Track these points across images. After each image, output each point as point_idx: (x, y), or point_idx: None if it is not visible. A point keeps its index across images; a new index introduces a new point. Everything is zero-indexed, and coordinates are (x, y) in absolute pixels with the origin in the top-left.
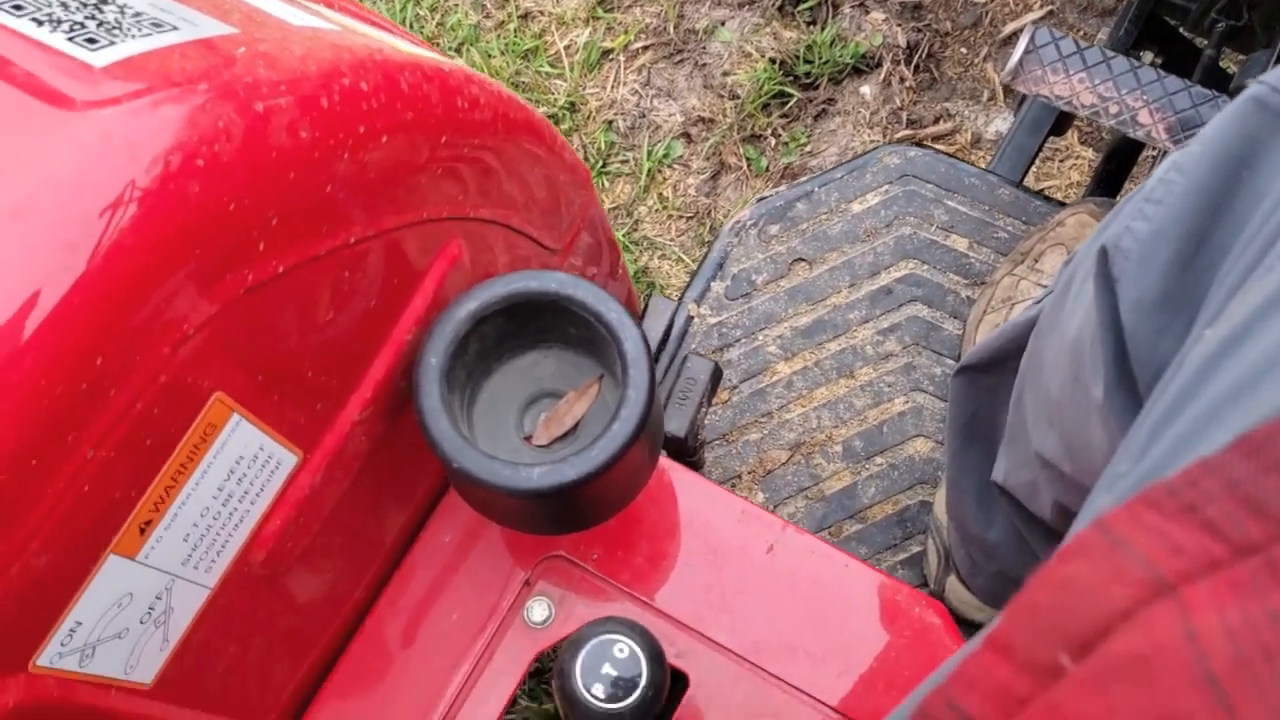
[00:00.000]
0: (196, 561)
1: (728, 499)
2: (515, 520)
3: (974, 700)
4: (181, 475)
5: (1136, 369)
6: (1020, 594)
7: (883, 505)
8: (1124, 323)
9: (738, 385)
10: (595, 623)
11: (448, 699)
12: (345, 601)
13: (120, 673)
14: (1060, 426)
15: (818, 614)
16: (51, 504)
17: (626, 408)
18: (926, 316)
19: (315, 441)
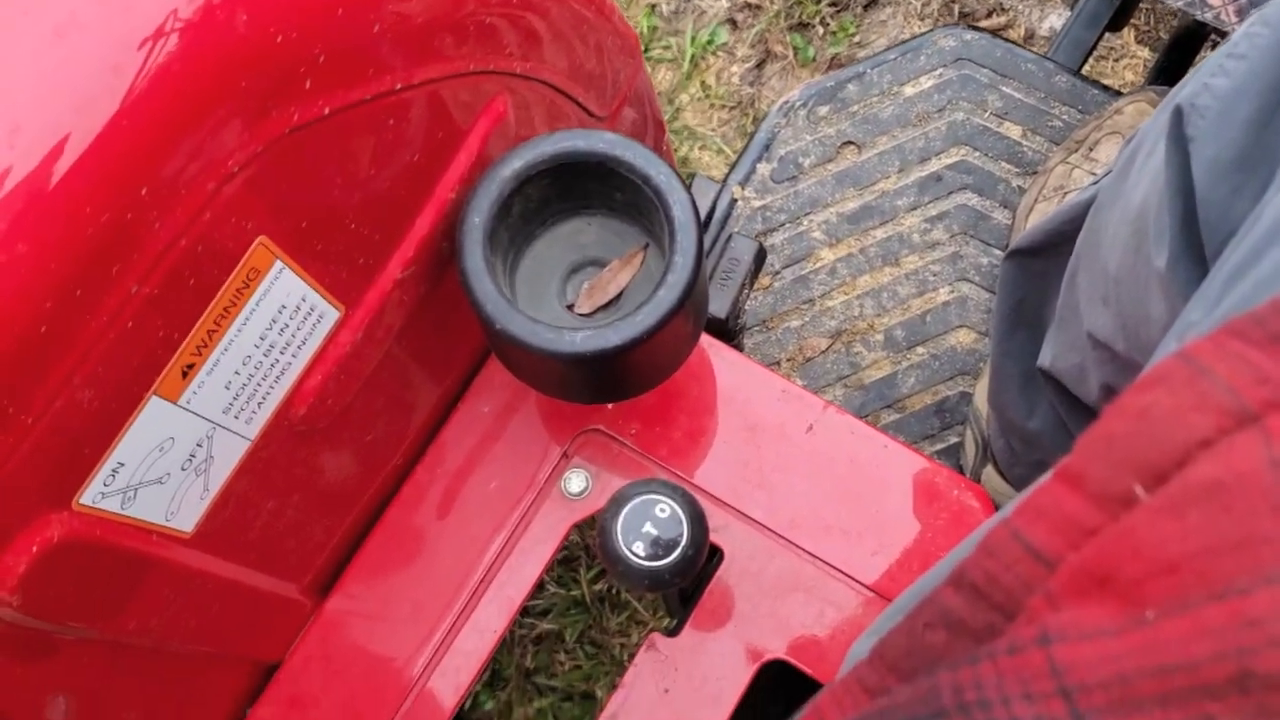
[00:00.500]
0: (237, 411)
1: (768, 377)
2: (556, 387)
3: (1040, 531)
4: (224, 320)
5: (1205, 233)
6: (1094, 425)
7: (922, 395)
8: (1196, 184)
9: (780, 271)
10: (637, 483)
11: (485, 564)
12: (383, 466)
13: (161, 518)
14: (1116, 304)
15: (855, 493)
16: (95, 338)
17: (673, 274)
18: (976, 205)
19: (357, 298)
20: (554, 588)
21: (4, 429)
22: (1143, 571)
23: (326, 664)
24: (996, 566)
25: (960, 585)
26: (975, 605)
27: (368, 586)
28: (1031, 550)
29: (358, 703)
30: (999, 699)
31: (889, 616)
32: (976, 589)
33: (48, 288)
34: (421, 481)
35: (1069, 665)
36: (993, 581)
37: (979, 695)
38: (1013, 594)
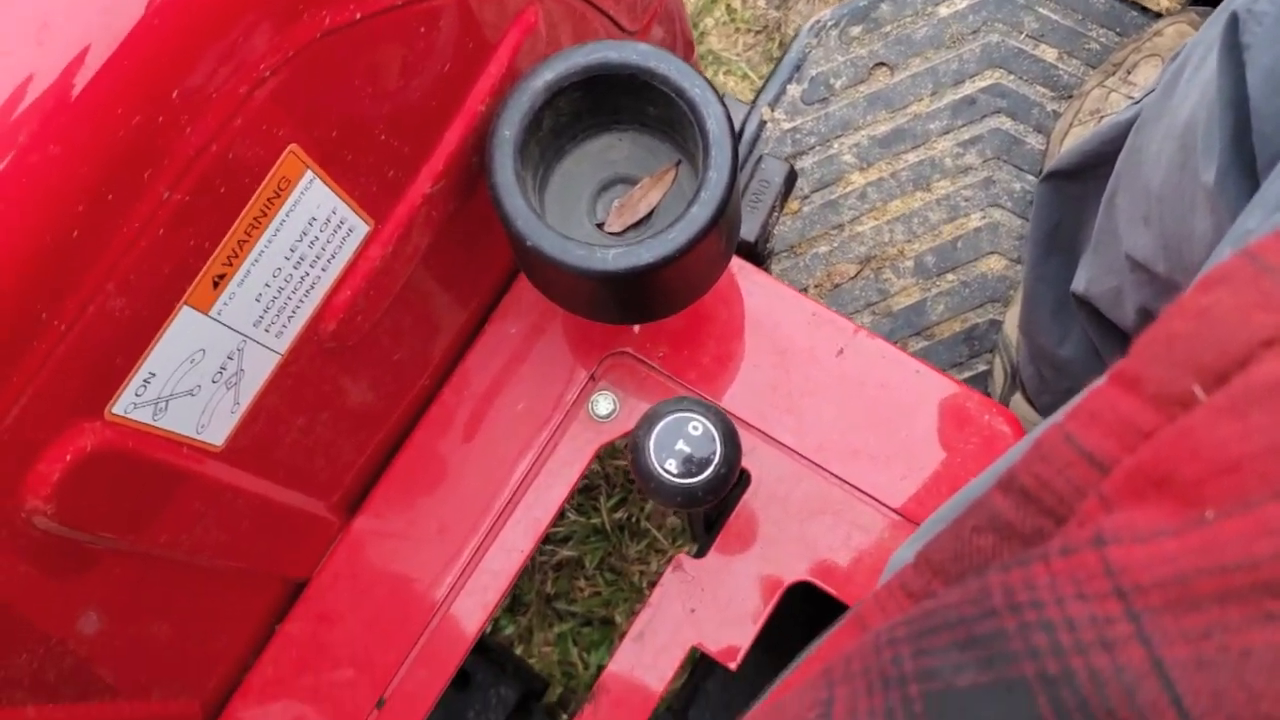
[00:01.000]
0: (268, 324)
1: (799, 301)
2: (585, 306)
3: (1094, 434)
4: (255, 230)
5: (1258, 144)
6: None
7: (950, 323)
8: (1250, 94)
9: (809, 195)
10: (670, 400)
11: (512, 485)
12: (412, 386)
13: (192, 431)
14: (1159, 224)
15: (884, 418)
16: (127, 244)
17: (707, 190)
18: (1009, 129)
19: (387, 212)
20: (574, 515)
21: (38, 334)
22: (1202, 472)
23: (354, 582)
24: (1048, 470)
25: (1010, 489)
26: (1025, 509)
27: (395, 506)
28: (1085, 454)
29: (385, 620)
30: (1052, 599)
31: (932, 524)
32: (1026, 493)
33: (79, 191)
34: (449, 403)
35: (1124, 566)
36: (1044, 485)
37: (1031, 596)
38: (1064, 498)
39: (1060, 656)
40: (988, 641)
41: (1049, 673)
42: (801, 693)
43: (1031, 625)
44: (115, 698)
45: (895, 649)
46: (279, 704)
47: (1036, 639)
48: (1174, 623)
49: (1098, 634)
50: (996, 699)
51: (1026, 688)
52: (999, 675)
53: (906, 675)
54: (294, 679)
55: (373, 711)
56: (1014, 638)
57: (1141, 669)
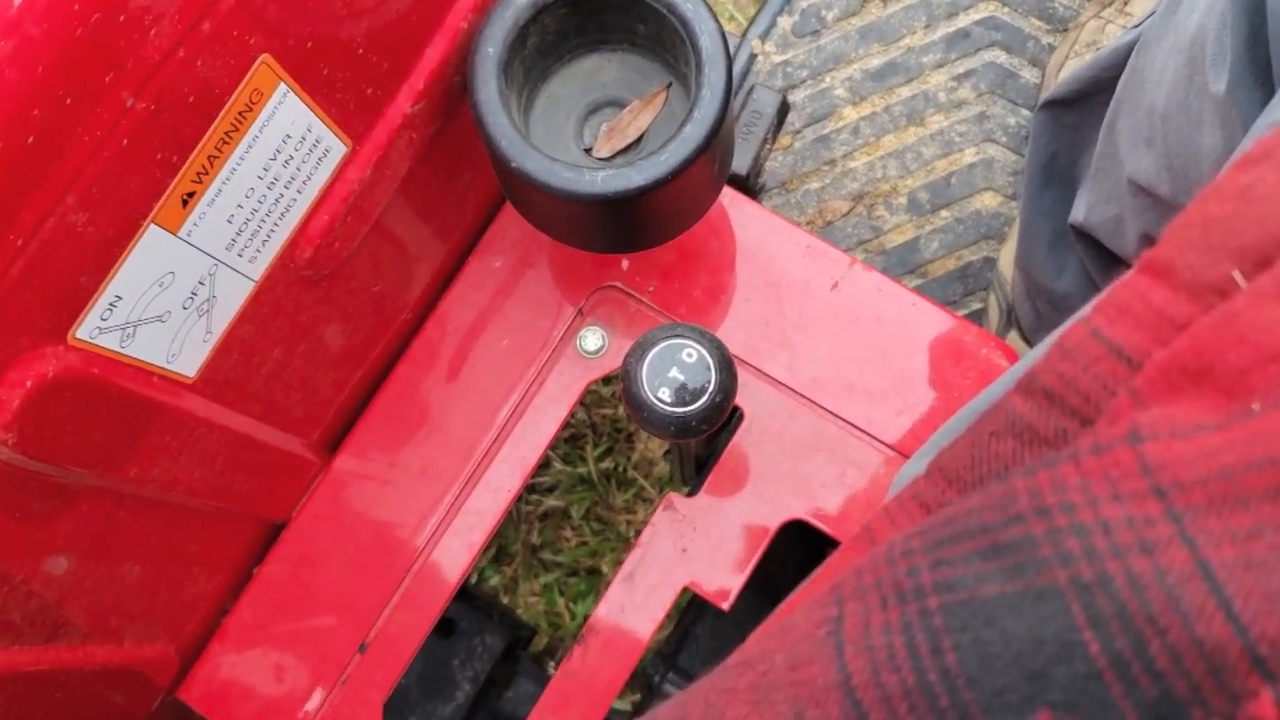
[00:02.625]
0: (241, 248)
1: (793, 233)
2: (572, 234)
3: (1123, 327)
4: (226, 145)
5: (1274, 49)
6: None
7: (945, 260)
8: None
9: (800, 130)
10: (663, 327)
11: (498, 423)
12: (392, 320)
13: (162, 360)
14: (1163, 143)
15: (880, 352)
16: (89, 155)
17: (700, 109)
18: (1004, 63)
19: (365, 133)
20: (560, 465)
21: None
22: (1247, 360)
23: (335, 522)
24: (1072, 369)
25: (1030, 391)
26: (1048, 411)
27: (377, 445)
28: (1113, 348)
29: (369, 561)
30: (1084, 501)
31: (941, 435)
32: (1049, 393)
33: (34, 92)
34: (432, 339)
35: (1163, 463)
36: (1068, 384)
37: (1061, 499)
38: (1091, 397)
39: (1095, 561)
40: (1014, 549)
41: (1083, 579)
42: (809, 609)
43: (1062, 530)
44: (86, 641)
45: (910, 560)
46: (258, 648)
47: (1068, 544)
48: (1219, 522)
49: (1136, 536)
50: (1025, 608)
51: (1059, 595)
52: (1028, 584)
53: (924, 587)
54: (273, 623)
55: (355, 656)
56: (1043, 543)
57: (1185, 572)
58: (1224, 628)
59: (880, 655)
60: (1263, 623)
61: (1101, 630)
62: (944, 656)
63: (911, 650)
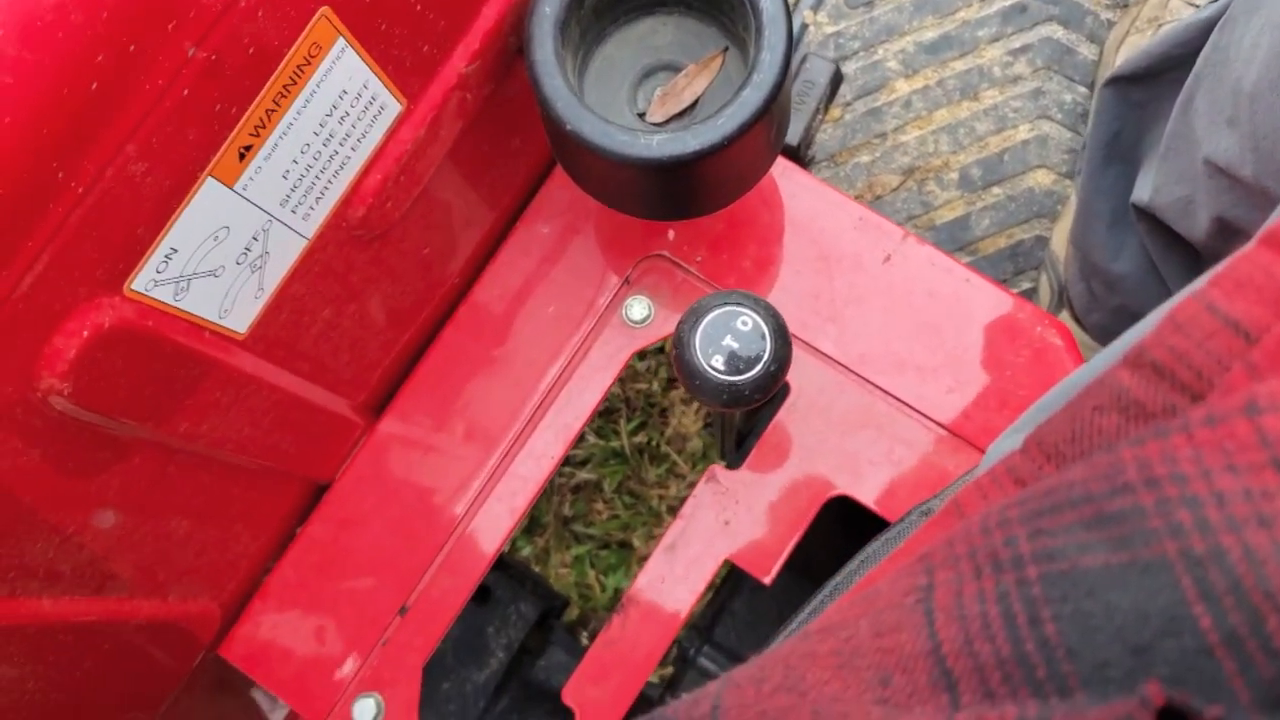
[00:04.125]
0: (295, 205)
1: (845, 204)
2: (624, 199)
3: (1242, 302)
4: (284, 99)
5: None
6: None
7: (995, 238)
8: None
9: (851, 103)
10: (718, 294)
11: (543, 389)
12: (441, 284)
13: (215, 315)
14: (1249, 122)
15: (932, 328)
16: (150, 103)
17: (759, 73)
18: (1061, 38)
19: (420, 92)
20: (594, 438)
21: (54, 195)
22: None
23: (379, 485)
24: (1185, 343)
25: (1139, 365)
26: (1156, 385)
27: (422, 409)
28: (1230, 322)
29: (411, 524)
30: (1197, 473)
31: (1038, 410)
32: (1159, 368)
33: (98, 38)
34: (478, 304)
35: None
36: (1179, 359)
37: (1171, 469)
38: (1203, 372)
39: (1208, 534)
40: (1120, 519)
41: (1195, 552)
42: (895, 579)
43: (1173, 501)
44: (132, 595)
45: (1007, 530)
46: (299, 608)
47: (1179, 515)
48: None
49: (1253, 509)
50: (1131, 581)
51: (1168, 568)
52: (1134, 555)
53: (1023, 557)
54: (315, 583)
55: (395, 618)
56: (1152, 515)
57: None
58: None
59: (974, 624)
60: None
61: (1214, 605)
62: (1043, 627)
63: (1008, 620)
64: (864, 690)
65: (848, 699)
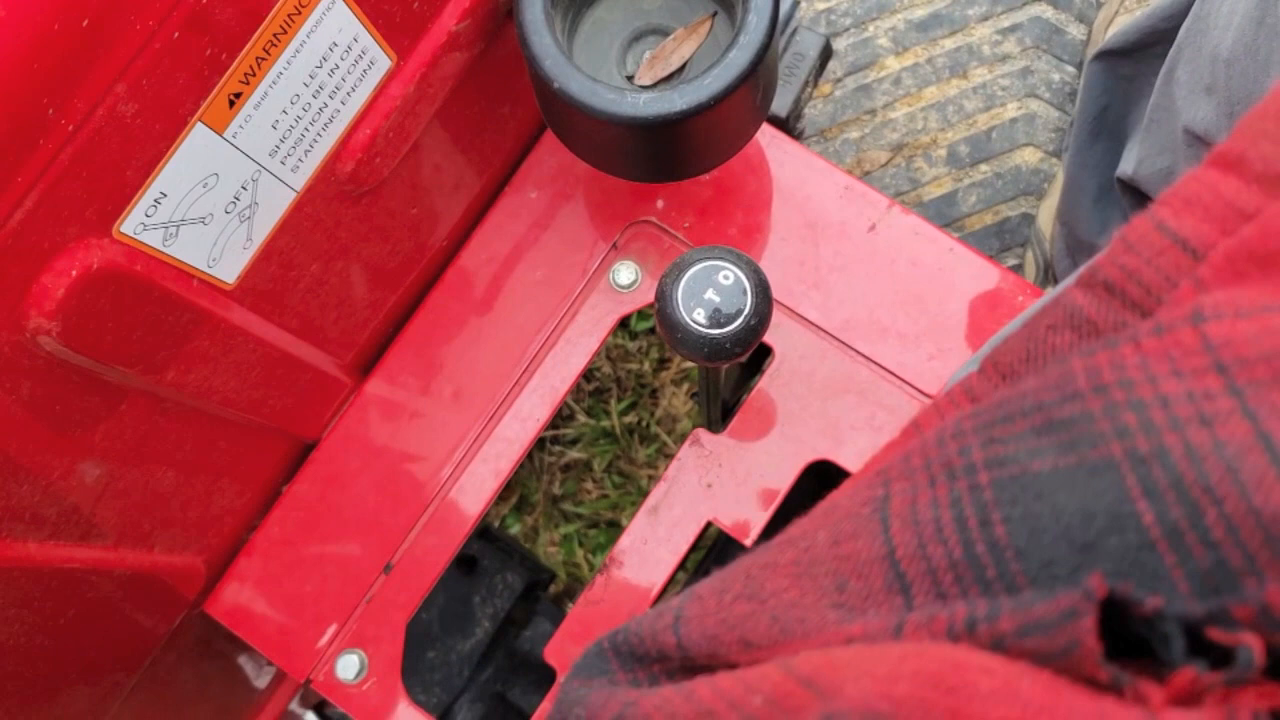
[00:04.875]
0: (284, 156)
1: (831, 173)
2: (611, 159)
3: (1189, 220)
4: (273, 48)
5: None
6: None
7: (982, 215)
8: None
9: (841, 79)
10: (700, 248)
11: (530, 352)
12: (429, 246)
13: (203, 263)
14: (1225, 89)
15: (915, 296)
16: (141, 42)
17: (746, 34)
18: (1051, 18)
19: (410, 48)
20: (584, 417)
21: (45, 132)
22: None
23: (365, 444)
24: (1135, 261)
25: (1091, 285)
26: (1108, 303)
27: (409, 370)
28: (1178, 240)
29: (397, 483)
30: (1143, 378)
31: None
32: (1110, 286)
33: None
34: (467, 267)
35: (1225, 340)
36: (1130, 277)
37: (1119, 376)
38: (1153, 289)
39: (1152, 434)
40: (1070, 424)
41: (1139, 451)
42: (854, 492)
43: (1119, 404)
44: (118, 544)
45: (962, 440)
46: (284, 565)
47: (1125, 418)
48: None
49: (1195, 410)
50: (1079, 482)
51: (1114, 468)
52: (1081, 457)
53: (975, 464)
54: (300, 541)
55: (380, 576)
56: (1100, 419)
57: (1245, 443)
58: None
59: (927, 529)
60: None
61: (1157, 501)
62: (993, 529)
63: (960, 524)
64: (821, 596)
65: (805, 604)
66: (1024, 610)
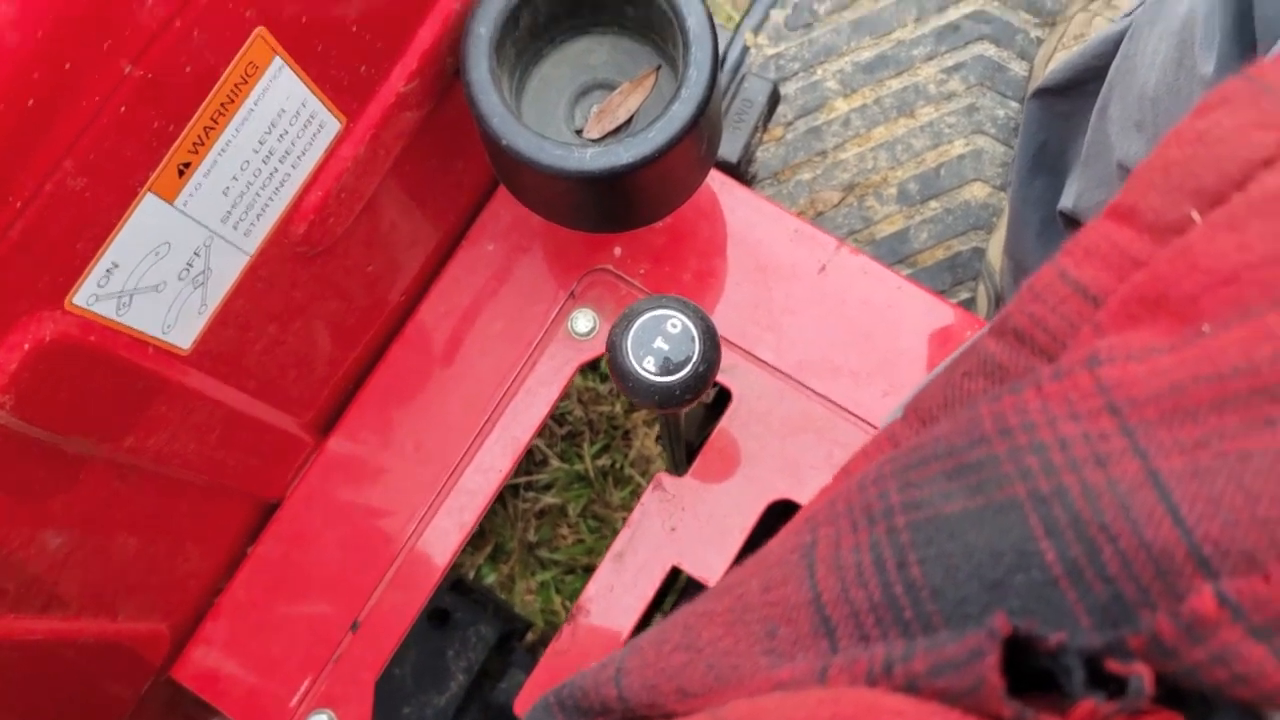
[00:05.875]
0: (236, 221)
1: (781, 216)
2: (562, 212)
3: (1088, 268)
4: (221, 116)
5: (1260, 29)
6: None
7: (934, 250)
8: None
9: (792, 122)
10: (648, 298)
11: (490, 405)
12: (386, 302)
13: (158, 331)
14: (1153, 126)
15: (867, 334)
16: (87, 120)
17: (687, 88)
18: (993, 56)
19: (359, 110)
20: (557, 462)
21: None
22: (1198, 287)
23: (328, 502)
24: (1041, 309)
25: (1003, 332)
26: (1017, 350)
27: (370, 426)
28: (1079, 288)
29: (361, 540)
30: (1044, 421)
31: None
32: (1020, 334)
33: (35, 56)
34: (425, 320)
35: (1118, 382)
36: (1037, 324)
37: (1022, 419)
38: (1058, 335)
39: (1052, 475)
40: (978, 467)
41: (1041, 492)
42: (784, 539)
43: (1023, 448)
44: (80, 613)
45: (881, 485)
46: (251, 627)
47: (1028, 460)
48: (1169, 434)
49: (1091, 450)
50: (986, 522)
51: (1018, 508)
52: (989, 499)
53: (893, 507)
54: (266, 602)
55: (346, 635)
56: (1005, 461)
57: (1136, 481)
58: (1171, 531)
59: (849, 573)
60: (1206, 525)
61: (1057, 539)
62: (909, 570)
63: (879, 566)
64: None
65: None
66: (936, 650)
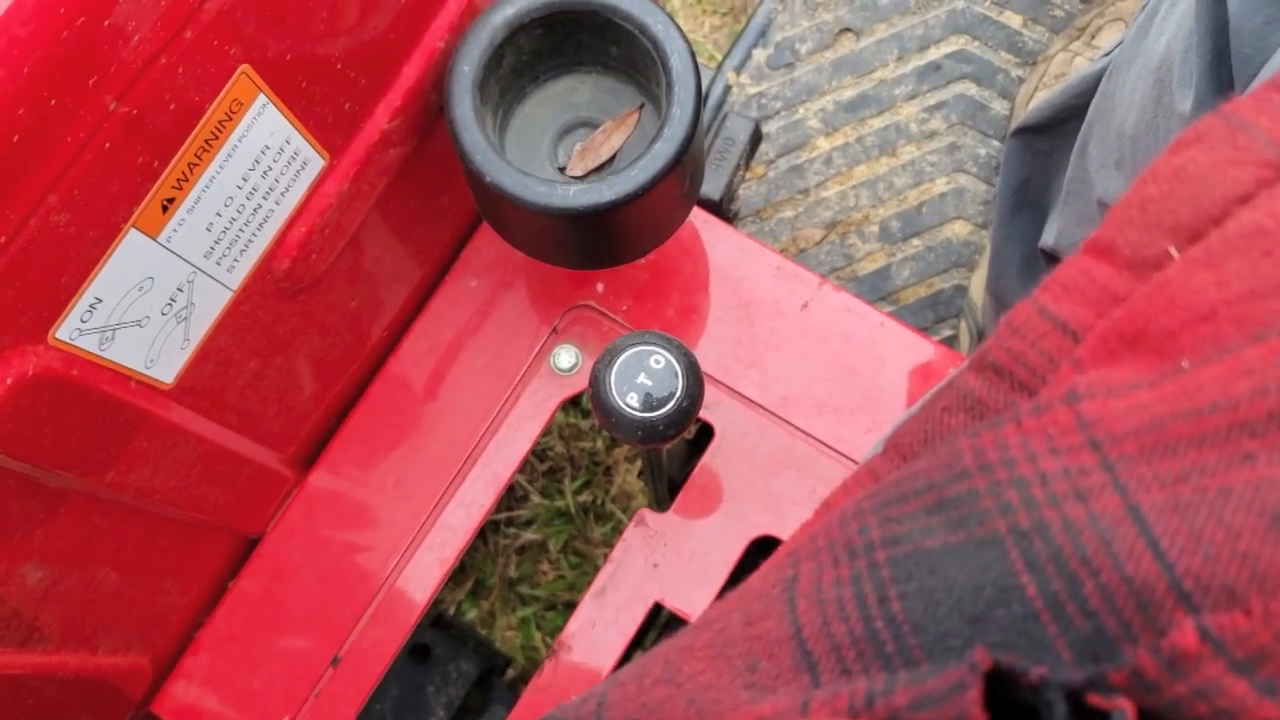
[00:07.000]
0: (219, 257)
1: (763, 254)
2: (546, 249)
3: (1067, 304)
4: (206, 153)
5: (1236, 67)
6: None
7: (916, 288)
8: (1230, 16)
9: (774, 160)
10: (631, 334)
11: (472, 440)
12: (369, 337)
13: (140, 365)
14: (1131, 165)
15: (849, 371)
16: (72, 155)
17: (670, 127)
18: (974, 95)
19: (343, 147)
20: (538, 498)
21: None
22: (1176, 323)
23: (310, 538)
24: (1020, 344)
25: (982, 367)
26: (996, 385)
27: (352, 461)
28: (1058, 324)
29: (341, 577)
30: (1024, 456)
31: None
32: (999, 369)
33: (20, 92)
34: (408, 356)
35: (1098, 418)
36: (1016, 359)
37: (1002, 455)
38: (1037, 370)
39: (1033, 510)
40: (958, 503)
41: (1021, 527)
42: (766, 573)
43: (1003, 483)
44: (60, 648)
45: (861, 520)
46: (232, 661)
47: (1008, 495)
48: (1149, 469)
49: (1071, 485)
50: (967, 557)
51: (999, 543)
52: (970, 534)
53: (874, 542)
54: (247, 636)
55: (327, 670)
56: (985, 496)
57: (1116, 515)
58: (1152, 566)
59: (830, 608)
60: (1188, 560)
61: (1038, 573)
62: (890, 605)
63: (860, 601)
64: (735, 677)
65: (720, 685)
66: (918, 685)
